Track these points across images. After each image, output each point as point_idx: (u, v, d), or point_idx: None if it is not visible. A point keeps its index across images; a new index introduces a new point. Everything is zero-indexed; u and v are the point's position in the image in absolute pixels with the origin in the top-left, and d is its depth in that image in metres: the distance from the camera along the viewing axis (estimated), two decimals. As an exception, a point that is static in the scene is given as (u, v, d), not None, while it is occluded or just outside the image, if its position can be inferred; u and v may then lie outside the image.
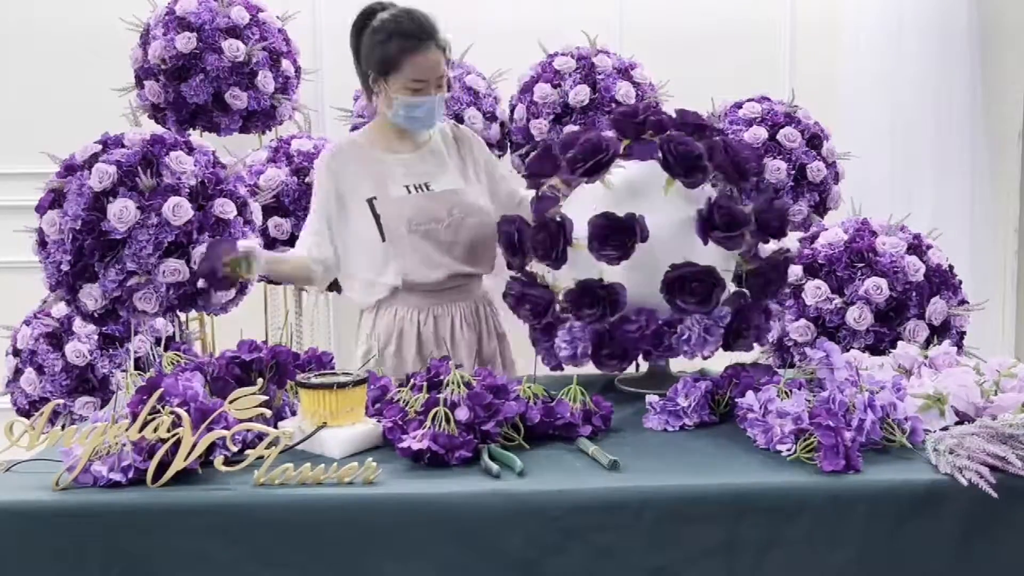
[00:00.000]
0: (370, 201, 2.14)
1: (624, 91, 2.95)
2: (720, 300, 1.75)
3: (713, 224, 1.73)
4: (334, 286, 2.94)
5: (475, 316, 2.23)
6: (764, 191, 1.87)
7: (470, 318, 2.22)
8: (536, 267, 1.94)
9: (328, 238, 2.18)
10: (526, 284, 1.90)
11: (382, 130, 2.21)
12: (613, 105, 2.92)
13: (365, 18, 2.13)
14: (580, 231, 1.77)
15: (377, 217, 2.13)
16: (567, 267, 1.81)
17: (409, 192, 2.15)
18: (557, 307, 1.85)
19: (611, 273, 1.74)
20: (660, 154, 1.76)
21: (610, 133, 1.85)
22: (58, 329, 2.58)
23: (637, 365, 1.94)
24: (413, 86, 2.09)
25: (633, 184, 1.82)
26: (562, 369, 1.90)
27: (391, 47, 2.07)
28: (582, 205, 1.80)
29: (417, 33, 2.07)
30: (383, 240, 2.13)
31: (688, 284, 1.71)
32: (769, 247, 1.89)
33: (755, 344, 1.89)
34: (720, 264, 1.76)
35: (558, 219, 1.79)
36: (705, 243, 1.75)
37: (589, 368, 1.93)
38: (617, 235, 1.71)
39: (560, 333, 1.83)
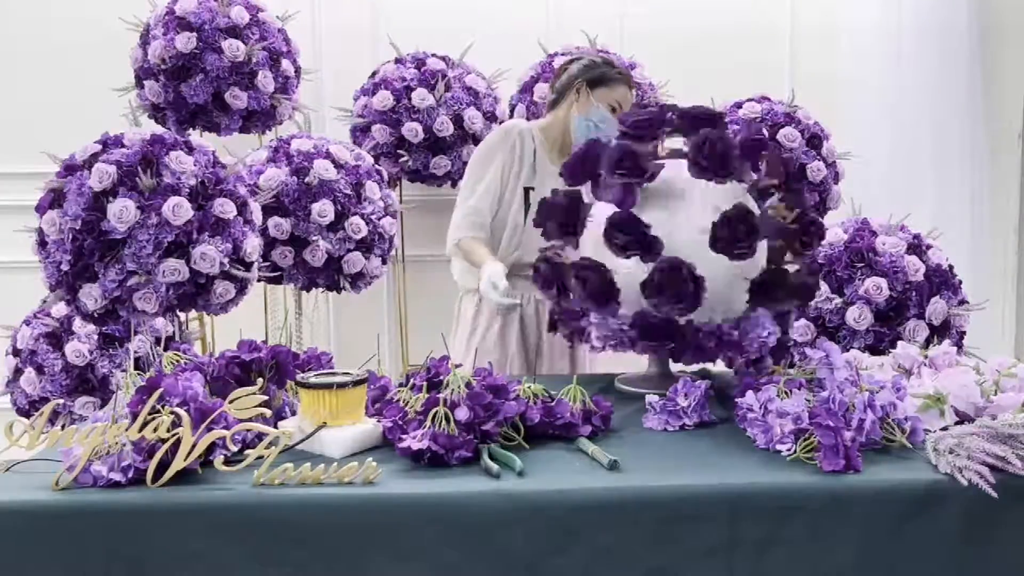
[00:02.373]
0: (527, 190, 2.34)
1: (624, 91, 2.94)
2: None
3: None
4: (334, 286, 2.95)
5: None
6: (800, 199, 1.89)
7: None
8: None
9: (490, 216, 2.38)
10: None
11: (553, 136, 2.43)
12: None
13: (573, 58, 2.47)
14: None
15: (528, 206, 2.33)
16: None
17: None
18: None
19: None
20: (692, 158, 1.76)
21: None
22: (58, 329, 2.58)
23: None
24: (613, 105, 2.35)
25: (665, 181, 1.81)
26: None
27: (606, 70, 2.39)
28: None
29: (626, 75, 2.42)
30: (524, 224, 2.33)
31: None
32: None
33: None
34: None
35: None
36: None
37: (590, 368, 1.93)
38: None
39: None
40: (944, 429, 1.46)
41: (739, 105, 2.90)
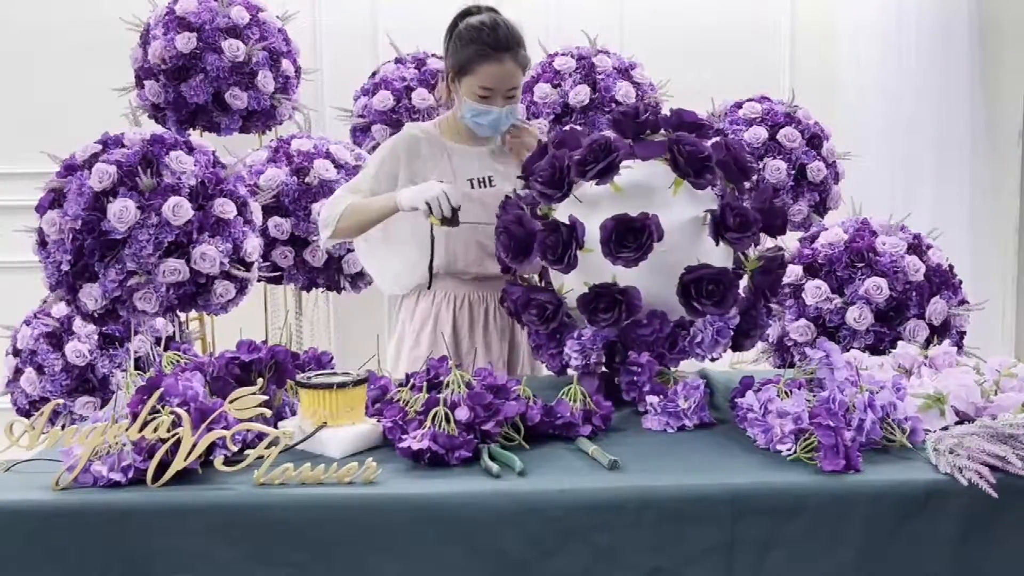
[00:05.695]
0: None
1: (624, 91, 2.95)
2: (735, 302, 1.75)
3: (726, 226, 1.72)
4: (334, 286, 2.95)
5: None
6: (763, 190, 1.87)
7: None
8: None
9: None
10: (532, 289, 1.89)
11: (455, 122, 2.26)
12: (613, 105, 2.92)
13: (457, 20, 2.20)
14: (590, 234, 1.74)
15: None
16: (575, 271, 1.77)
17: (473, 187, 2.20)
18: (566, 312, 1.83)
19: (623, 276, 1.72)
20: (669, 155, 1.75)
21: (610, 133, 1.84)
22: (58, 329, 2.58)
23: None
24: (481, 92, 2.14)
25: (639, 186, 1.79)
26: (565, 373, 1.90)
27: (468, 52, 2.13)
28: (590, 207, 1.78)
29: (493, 44, 2.12)
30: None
31: (705, 286, 1.70)
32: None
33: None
34: (723, 264, 1.76)
35: (568, 222, 1.75)
36: (717, 243, 1.74)
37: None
38: (633, 236, 1.68)
39: (569, 342, 1.80)
40: (944, 429, 1.46)
41: (739, 105, 2.90)
